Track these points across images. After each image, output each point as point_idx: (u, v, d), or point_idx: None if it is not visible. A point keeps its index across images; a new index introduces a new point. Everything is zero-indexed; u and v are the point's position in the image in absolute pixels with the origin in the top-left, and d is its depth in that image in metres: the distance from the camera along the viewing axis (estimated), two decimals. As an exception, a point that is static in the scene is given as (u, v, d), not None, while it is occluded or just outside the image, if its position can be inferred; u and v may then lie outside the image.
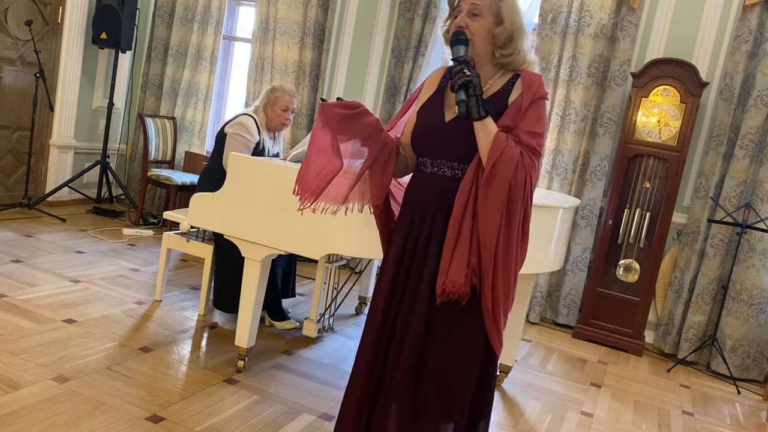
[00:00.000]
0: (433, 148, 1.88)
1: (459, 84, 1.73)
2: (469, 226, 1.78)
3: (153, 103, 5.97)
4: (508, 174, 1.74)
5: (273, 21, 5.31)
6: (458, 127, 1.82)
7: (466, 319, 1.84)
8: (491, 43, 1.86)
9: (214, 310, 3.76)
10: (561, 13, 4.48)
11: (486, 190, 1.75)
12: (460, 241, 1.78)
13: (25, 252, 4.21)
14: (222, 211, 2.87)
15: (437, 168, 1.88)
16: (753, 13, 4.08)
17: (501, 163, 1.73)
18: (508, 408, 3.16)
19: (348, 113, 1.84)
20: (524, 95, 1.81)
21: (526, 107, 1.80)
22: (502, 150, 1.73)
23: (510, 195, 1.75)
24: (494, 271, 1.78)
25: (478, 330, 1.84)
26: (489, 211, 1.75)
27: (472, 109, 1.74)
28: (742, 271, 4.13)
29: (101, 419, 2.39)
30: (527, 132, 1.78)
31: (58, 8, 5.46)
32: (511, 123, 1.79)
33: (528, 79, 1.85)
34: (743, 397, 3.89)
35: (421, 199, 1.90)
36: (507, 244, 1.79)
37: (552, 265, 3.09)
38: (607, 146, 4.45)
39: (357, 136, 1.86)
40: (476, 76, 1.75)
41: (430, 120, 1.90)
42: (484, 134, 1.76)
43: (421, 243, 1.89)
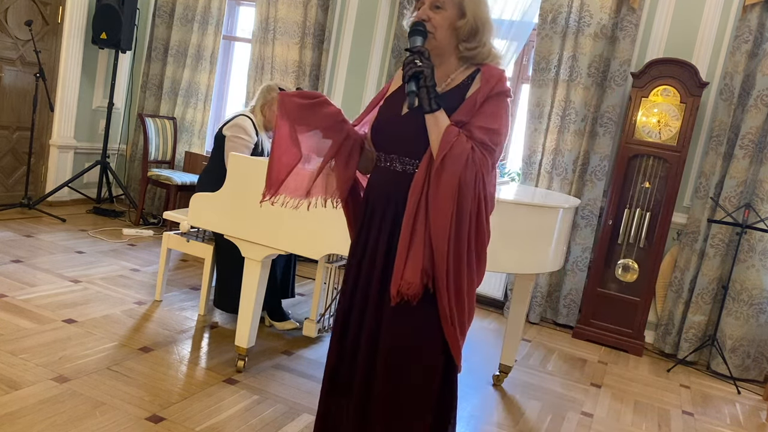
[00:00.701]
0: (387, 142, 1.83)
1: (409, 74, 1.67)
2: (423, 224, 1.71)
3: (153, 103, 5.97)
4: (457, 169, 1.67)
5: (273, 21, 5.31)
6: (412, 120, 1.76)
7: (422, 322, 1.77)
8: (454, 36, 1.80)
9: (214, 310, 3.76)
10: (561, 13, 4.48)
11: (436, 184, 1.69)
12: (415, 239, 1.71)
13: (25, 252, 4.21)
14: (222, 211, 2.87)
15: (389, 163, 1.83)
16: (753, 13, 4.08)
17: (450, 158, 1.67)
18: (508, 408, 3.16)
19: (307, 103, 1.79)
20: (481, 90, 1.75)
21: (481, 102, 1.74)
22: (452, 144, 1.67)
23: (460, 191, 1.68)
24: (447, 270, 1.70)
25: (435, 334, 1.77)
26: (439, 206, 1.68)
27: (423, 101, 1.69)
28: (742, 271, 4.13)
29: (101, 419, 2.39)
30: (480, 127, 1.71)
31: (58, 8, 5.46)
32: (465, 118, 1.72)
33: (487, 73, 1.79)
34: (743, 397, 3.89)
35: (374, 194, 1.86)
36: (458, 242, 1.71)
37: (552, 265, 3.08)
38: (607, 146, 4.45)
39: (317, 126, 1.81)
40: (428, 67, 1.68)
41: (388, 113, 1.85)
42: (435, 127, 1.70)
43: (371, 240, 1.84)
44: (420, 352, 1.79)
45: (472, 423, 2.94)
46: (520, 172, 4.73)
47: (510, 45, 4.69)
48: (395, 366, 1.79)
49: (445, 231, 1.68)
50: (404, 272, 1.70)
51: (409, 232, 1.71)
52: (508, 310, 4.22)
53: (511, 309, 3.42)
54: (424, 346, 1.79)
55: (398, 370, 1.79)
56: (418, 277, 1.69)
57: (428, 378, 1.80)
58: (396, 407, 1.81)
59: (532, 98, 4.61)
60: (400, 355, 1.79)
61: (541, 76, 4.56)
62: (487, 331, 4.35)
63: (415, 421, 1.81)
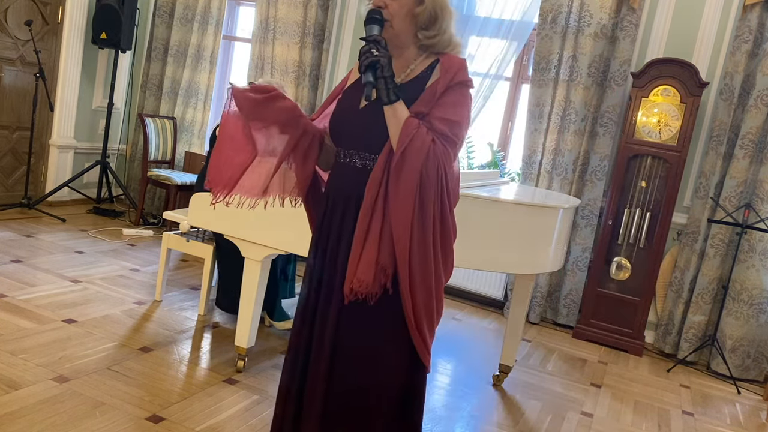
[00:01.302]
0: (346, 136, 1.76)
1: (366, 65, 1.60)
2: (379, 220, 1.64)
3: (153, 103, 5.97)
4: (418, 162, 1.60)
5: (273, 21, 5.31)
6: (371, 114, 1.68)
7: (383, 324, 1.71)
8: (413, 24, 1.72)
9: (214, 310, 3.76)
10: (561, 13, 4.48)
11: (396, 179, 1.61)
12: (370, 235, 1.64)
13: (25, 252, 4.21)
14: (222, 211, 2.87)
15: (349, 158, 1.75)
16: (753, 13, 4.08)
17: (410, 151, 1.60)
18: (508, 408, 3.16)
19: (261, 98, 1.70)
20: (441, 80, 1.68)
21: (441, 92, 1.67)
22: (412, 137, 1.60)
23: (421, 185, 1.61)
24: (411, 270, 1.64)
25: (399, 337, 1.71)
26: (400, 202, 1.61)
27: (380, 92, 1.61)
28: (742, 271, 4.13)
29: (101, 419, 2.39)
30: (441, 119, 1.65)
31: (58, 8, 5.46)
32: (425, 109, 1.65)
33: (447, 62, 1.72)
34: (743, 397, 3.89)
35: (334, 192, 1.78)
36: (422, 239, 1.64)
37: (552, 265, 3.09)
38: (607, 146, 4.45)
39: (273, 122, 1.72)
40: (385, 56, 1.61)
41: (345, 107, 1.77)
42: (393, 119, 1.63)
43: (332, 239, 1.77)
44: (381, 352, 1.72)
45: (472, 423, 2.94)
46: (520, 172, 4.73)
47: (510, 45, 4.69)
48: (355, 366, 1.73)
49: (406, 228, 1.61)
50: (357, 270, 1.63)
51: (364, 229, 1.65)
52: (508, 310, 4.22)
53: (511, 309, 3.42)
54: (386, 347, 1.72)
55: (358, 371, 1.73)
56: (371, 275, 1.62)
57: (390, 379, 1.73)
58: (355, 410, 1.74)
59: (532, 98, 4.61)
60: (360, 356, 1.73)
61: (541, 76, 4.56)
62: (487, 331, 4.35)
63: (376, 426, 1.74)
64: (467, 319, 4.54)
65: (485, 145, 5.12)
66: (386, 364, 1.73)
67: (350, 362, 1.74)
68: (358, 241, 1.65)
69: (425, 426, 2.80)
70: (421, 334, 1.70)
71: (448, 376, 3.47)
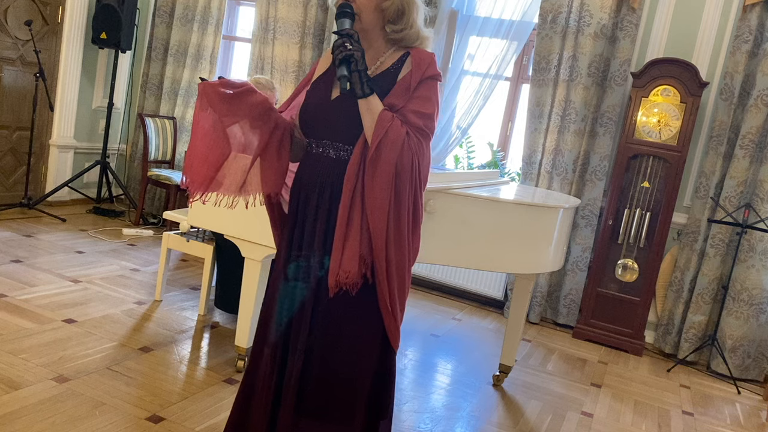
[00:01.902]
0: (318, 127, 1.77)
1: (340, 58, 1.62)
2: (359, 211, 1.67)
3: (153, 103, 5.97)
4: (393, 155, 1.63)
5: (273, 21, 5.31)
6: (343, 105, 1.71)
7: (360, 312, 1.73)
8: (381, 17, 1.75)
9: (214, 310, 3.76)
10: (561, 13, 4.48)
11: (372, 172, 1.64)
12: (351, 227, 1.66)
13: (25, 252, 4.21)
14: (222, 211, 2.87)
15: (322, 149, 1.76)
16: (753, 13, 4.08)
17: (386, 144, 1.63)
18: (508, 408, 3.16)
19: (231, 93, 1.70)
20: (413, 74, 1.71)
21: (414, 86, 1.70)
22: (387, 129, 1.63)
23: (397, 177, 1.65)
24: (387, 259, 1.67)
25: (373, 324, 1.74)
26: (376, 194, 1.64)
27: (355, 86, 1.63)
28: (742, 271, 4.13)
29: (101, 419, 2.39)
30: (415, 112, 1.68)
31: (58, 8, 5.46)
32: (398, 102, 1.68)
33: (418, 57, 1.75)
34: (743, 397, 3.89)
35: (306, 182, 1.79)
36: (398, 229, 1.68)
37: (552, 265, 3.08)
38: (607, 146, 4.45)
39: (244, 117, 1.73)
40: (359, 50, 1.63)
41: (316, 98, 1.79)
42: (368, 113, 1.65)
43: (307, 229, 1.78)
44: (359, 339, 1.76)
45: (472, 423, 2.94)
46: (520, 172, 4.73)
47: (510, 45, 4.69)
48: (334, 354, 1.76)
49: (383, 219, 1.65)
50: (342, 261, 1.66)
51: (345, 221, 1.67)
52: (508, 310, 4.22)
53: (511, 309, 3.42)
54: (363, 333, 1.76)
55: (337, 359, 1.76)
56: (356, 265, 1.66)
57: (368, 364, 1.77)
58: (335, 396, 1.77)
59: (532, 98, 4.61)
60: (339, 344, 1.76)
61: (541, 76, 4.56)
62: (487, 331, 4.35)
63: (350, 408, 1.78)
64: (467, 319, 4.54)
65: (485, 145, 5.12)
66: (364, 350, 1.76)
67: (330, 351, 1.76)
68: (340, 234, 1.67)
69: (425, 426, 2.80)
70: (395, 318, 1.73)
71: (448, 376, 3.47)
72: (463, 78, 4.87)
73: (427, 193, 2.56)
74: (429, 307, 4.64)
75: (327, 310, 1.75)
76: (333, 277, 1.67)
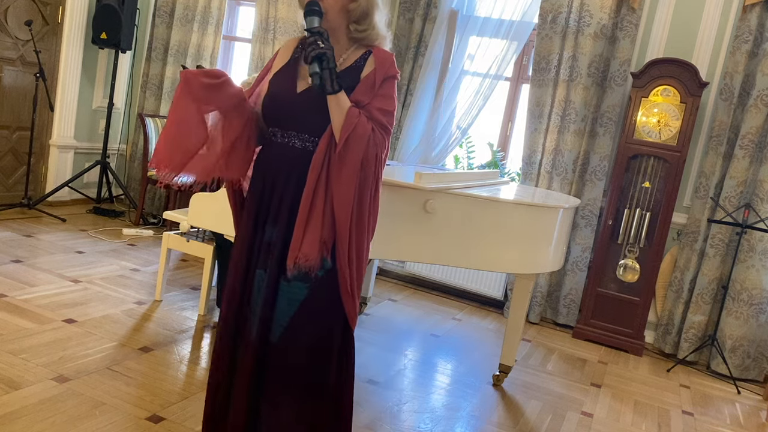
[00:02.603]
0: (284, 118, 1.85)
1: (313, 56, 1.70)
2: (321, 199, 1.77)
3: (153, 103, 5.97)
4: (360, 149, 1.74)
5: (273, 21, 5.31)
6: (309, 99, 1.80)
7: (320, 295, 1.82)
8: (346, 17, 1.84)
9: (214, 310, 3.76)
10: (561, 13, 4.48)
11: (339, 165, 1.75)
12: (313, 214, 1.76)
13: (25, 252, 4.21)
14: (222, 211, 2.87)
15: (288, 139, 1.84)
16: (753, 13, 4.08)
17: (353, 138, 1.73)
18: (508, 408, 3.16)
19: (213, 83, 1.76)
20: (377, 72, 1.81)
21: (379, 84, 1.81)
22: (355, 125, 1.74)
23: (362, 169, 1.76)
24: (350, 245, 1.78)
25: (333, 305, 1.83)
26: (343, 185, 1.75)
27: (326, 82, 1.72)
28: (742, 271, 4.13)
29: (101, 419, 2.39)
30: (379, 109, 1.79)
31: (58, 8, 5.46)
32: (363, 98, 1.78)
33: (381, 56, 1.85)
34: (743, 397, 3.89)
35: (271, 170, 1.86)
36: (359, 218, 1.79)
37: (552, 265, 3.09)
38: (607, 146, 4.45)
39: (221, 106, 1.79)
40: (330, 48, 1.72)
41: (282, 90, 1.86)
42: (337, 108, 1.75)
43: (271, 215, 1.85)
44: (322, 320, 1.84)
45: (472, 423, 2.94)
46: (520, 172, 4.73)
47: (510, 45, 4.69)
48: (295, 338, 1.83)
49: (348, 208, 1.75)
50: (302, 245, 1.75)
51: (307, 207, 1.76)
52: (508, 310, 4.22)
53: (511, 309, 3.42)
54: (325, 315, 1.84)
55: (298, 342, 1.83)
56: (316, 249, 1.75)
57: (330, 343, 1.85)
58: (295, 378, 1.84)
59: (532, 98, 4.61)
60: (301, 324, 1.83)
61: (541, 76, 4.56)
62: (487, 331, 4.35)
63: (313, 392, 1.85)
64: (467, 319, 4.55)
65: (485, 145, 5.12)
66: (327, 331, 1.85)
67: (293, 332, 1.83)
68: (302, 219, 1.76)
69: (425, 426, 2.80)
70: (354, 299, 1.84)
71: (448, 376, 3.47)
72: (463, 78, 4.87)
73: (427, 193, 2.57)
74: (429, 307, 4.64)
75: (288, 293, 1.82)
76: (291, 259, 1.76)
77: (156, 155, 1.79)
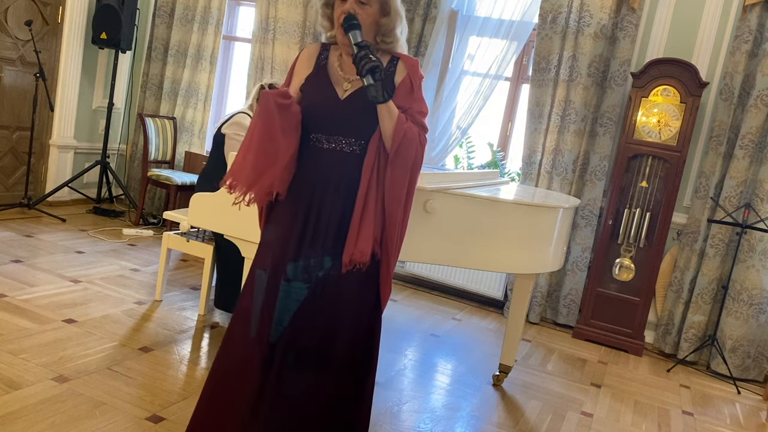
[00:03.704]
0: (329, 124, 1.94)
1: (367, 69, 1.80)
2: (374, 199, 1.89)
3: (153, 103, 5.97)
4: (411, 153, 1.90)
5: (273, 21, 5.31)
6: (354, 105, 1.92)
7: (365, 286, 1.96)
8: (375, 31, 1.95)
9: (214, 310, 3.76)
10: (561, 13, 4.48)
11: (392, 169, 1.89)
12: (367, 213, 1.89)
13: (25, 252, 4.21)
14: (222, 211, 2.87)
15: (335, 144, 1.94)
16: (753, 13, 4.08)
17: (405, 143, 1.88)
18: (508, 408, 3.16)
19: (285, 102, 1.88)
20: (412, 78, 1.96)
21: (416, 89, 1.96)
22: (405, 131, 1.88)
23: (411, 170, 1.91)
24: (395, 239, 1.93)
25: (373, 293, 1.98)
26: (396, 186, 1.89)
27: (379, 93, 1.83)
28: (742, 271, 4.13)
29: (101, 419, 2.39)
30: (419, 112, 1.95)
31: (58, 8, 5.46)
32: (403, 103, 1.92)
33: (410, 62, 1.98)
34: (743, 397, 3.89)
35: (321, 174, 1.94)
36: (405, 214, 1.95)
37: (552, 265, 3.09)
38: (607, 146, 4.45)
39: (287, 125, 1.89)
40: (380, 60, 1.84)
41: (322, 97, 1.95)
42: (387, 115, 1.88)
43: (323, 217, 1.94)
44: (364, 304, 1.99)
45: (472, 423, 2.94)
46: (520, 172, 4.73)
47: (510, 45, 4.69)
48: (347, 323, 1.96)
49: (399, 205, 1.91)
50: (357, 242, 1.87)
51: (361, 207, 1.88)
52: (508, 310, 4.22)
53: (511, 309, 3.42)
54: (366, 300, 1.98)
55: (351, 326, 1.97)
56: (370, 245, 1.88)
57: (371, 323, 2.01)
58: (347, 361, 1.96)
59: (532, 98, 4.61)
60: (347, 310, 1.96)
61: (541, 76, 4.56)
62: (487, 331, 4.35)
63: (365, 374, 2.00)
64: (467, 319, 4.55)
65: (485, 145, 5.12)
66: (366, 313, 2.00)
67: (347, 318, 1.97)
68: (357, 218, 1.88)
69: (425, 426, 2.81)
70: (390, 285, 2.01)
71: (448, 376, 3.47)
72: (463, 78, 4.87)
73: (427, 193, 2.56)
74: (429, 307, 4.64)
75: (339, 284, 1.93)
76: (348, 255, 1.88)
77: (236, 173, 1.88)
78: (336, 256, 1.92)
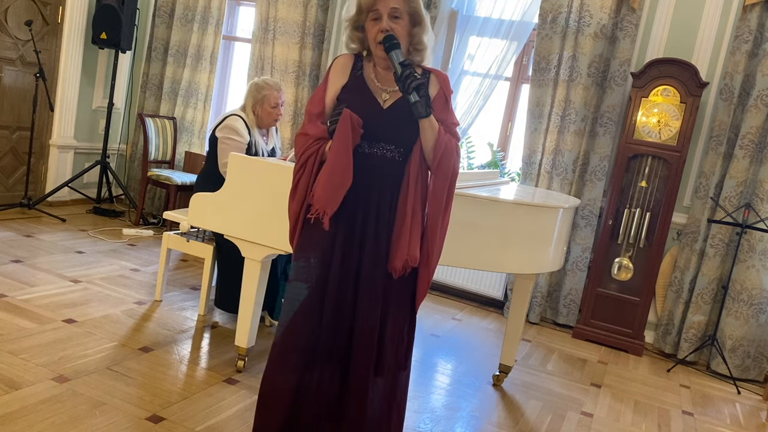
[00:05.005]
0: (373, 131, 2.01)
1: (413, 87, 1.90)
2: (420, 206, 2.01)
3: (153, 103, 5.97)
4: (451, 163, 2.01)
5: (273, 21, 5.31)
6: (396, 114, 2.02)
7: (405, 287, 2.08)
8: (408, 42, 2.03)
9: (214, 310, 3.76)
10: (561, 13, 4.48)
11: (435, 180, 2.01)
12: (415, 220, 1.99)
13: (25, 252, 4.21)
14: (222, 211, 2.87)
15: (377, 150, 2.03)
16: (753, 13, 4.08)
17: (446, 155, 2.00)
18: (508, 408, 3.17)
19: (360, 130, 2.00)
20: (445, 93, 2.07)
21: (449, 102, 2.08)
22: (446, 143, 1.99)
23: (451, 179, 2.03)
24: (438, 244, 2.04)
25: (410, 295, 2.11)
26: (438, 195, 2.01)
27: (422, 108, 1.93)
28: (742, 271, 4.13)
29: (101, 419, 2.39)
30: (453, 124, 2.07)
31: (58, 8, 5.46)
32: (441, 116, 2.03)
33: (442, 77, 2.09)
34: (743, 397, 3.89)
35: (368, 177, 2.02)
36: (444, 221, 2.05)
37: (552, 265, 3.08)
38: (607, 146, 4.45)
39: (357, 143, 2.00)
40: (423, 78, 1.99)
41: (365, 106, 2.02)
42: (429, 129, 1.98)
43: (370, 221, 2.02)
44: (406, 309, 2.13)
45: (472, 423, 2.94)
46: (520, 172, 4.73)
47: (510, 45, 4.69)
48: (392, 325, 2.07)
49: (441, 212, 2.03)
50: (409, 248, 1.97)
51: (409, 214, 1.99)
52: (508, 310, 4.22)
53: (511, 309, 3.42)
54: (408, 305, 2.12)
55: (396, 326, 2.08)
56: (418, 251, 1.99)
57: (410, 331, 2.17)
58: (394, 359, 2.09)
59: (532, 98, 4.61)
60: (395, 314, 2.08)
61: (541, 76, 4.56)
62: (487, 331, 4.35)
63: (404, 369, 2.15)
64: (467, 319, 4.55)
65: (485, 145, 5.12)
66: (408, 318, 2.15)
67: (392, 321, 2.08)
68: (407, 225, 1.98)
69: (425, 426, 2.81)
70: (427, 290, 2.12)
71: (448, 376, 3.47)
72: (463, 78, 4.87)
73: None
74: (429, 307, 4.64)
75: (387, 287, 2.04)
76: (401, 261, 1.97)
77: (320, 199, 1.96)
78: (378, 261, 2.01)
